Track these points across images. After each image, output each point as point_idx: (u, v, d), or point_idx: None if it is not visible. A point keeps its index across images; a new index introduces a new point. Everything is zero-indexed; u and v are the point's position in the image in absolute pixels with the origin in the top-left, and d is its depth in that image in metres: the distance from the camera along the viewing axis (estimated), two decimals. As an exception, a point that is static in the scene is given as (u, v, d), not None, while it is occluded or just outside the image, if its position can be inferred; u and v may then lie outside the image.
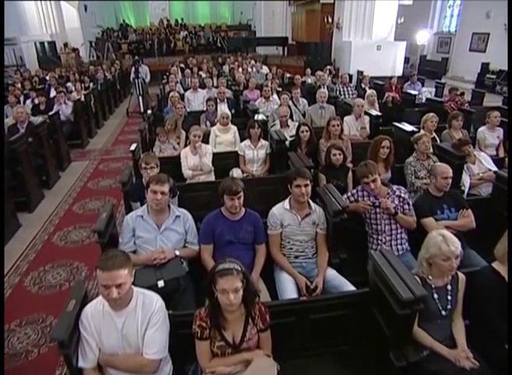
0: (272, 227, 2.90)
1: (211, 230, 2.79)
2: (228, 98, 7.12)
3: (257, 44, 19.62)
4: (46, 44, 15.95)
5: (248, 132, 4.58)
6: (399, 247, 3.10)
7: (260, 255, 2.86)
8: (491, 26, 14.87)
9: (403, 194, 3.13)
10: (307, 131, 4.54)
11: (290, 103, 6.46)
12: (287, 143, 4.70)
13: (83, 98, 8.59)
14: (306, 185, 2.79)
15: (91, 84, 10.96)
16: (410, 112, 7.17)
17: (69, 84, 10.73)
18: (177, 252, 2.70)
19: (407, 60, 15.67)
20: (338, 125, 4.61)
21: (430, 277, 2.25)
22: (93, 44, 17.66)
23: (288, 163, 4.24)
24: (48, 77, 11.34)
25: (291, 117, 5.93)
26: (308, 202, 2.91)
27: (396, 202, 3.11)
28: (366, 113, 5.72)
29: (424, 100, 8.39)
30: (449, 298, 2.24)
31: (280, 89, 8.85)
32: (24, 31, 15.38)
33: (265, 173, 4.67)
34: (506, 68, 13.76)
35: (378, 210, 3.09)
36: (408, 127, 4.90)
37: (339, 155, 3.85)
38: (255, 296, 2.02)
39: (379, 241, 3.11)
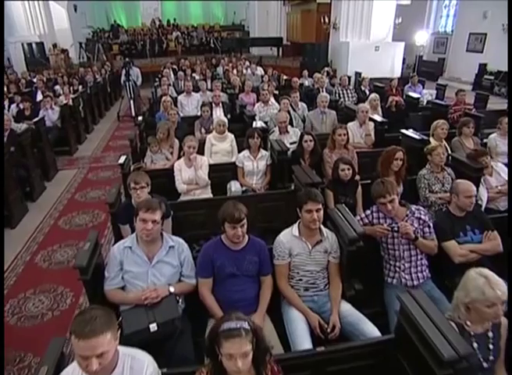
0: (280, 257, 2.57)
1: (210, 261, 2.45)
2: (223, 103, 6.77)
3: (251, 45, 19.28)
4: (34, 45, 15.45)
5: (247, 142, 4.24)
6: (419, 275, 2.77)
7: (266, 288, 2.52)
8: (488, 27, 14.69)
9: (423, 216, 2.81)
10: (310, 141, 4.21)
11: (289, 108, 6.13)
12: (289, 153, 4.38)
13: (71, 102, 8.19)
14: (318, 210, 2.46)
15: (80, 87, 10.56)
16: (413, 116, 6.89)
17: (57, 87, 10.34)
18: (172, 289, 2.35)
19: (403, 61, 15.46)
20: (344, 134, 4.29)
21: (468, 323, 1.93)
22: (83, 46, 17.18)
23: (291, 176, 3.92)
24: (35, 80, 10.92)
25: (290, 123, 5.62)
26: (320, 228, 2.58)
27: (416, 225, 2.79)
28: (370, 119, 5.40)
29: (425, 103, 8.12)
30: (490, 347, 1.92)
31: (277, 92, 8.56)
32: (11, 32, 14.88)
33: (266, 185, 4.34)
34: (504, 69, 13.60)
35: (396, 234, 2.77)
36: (417, 135, 4.59)
37: (348, 170, 3.53)
38: (267, 354, 1.69)
39: (397, 268, 2.79)
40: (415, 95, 7.96)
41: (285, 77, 10.52)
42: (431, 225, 2.82)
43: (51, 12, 17.07)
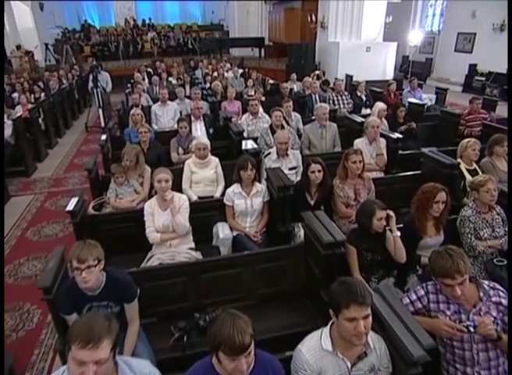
0: (306, 387, 1.65)
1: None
2: (204, 115, 5.80)
3: (231, 46, 18.34)
4: (-8, 47, 14.04)
5: (238, 175, 3.30)
6: (500, 386, 1.91)
7: None
8: (477, 26, 14.15)
9: (503, 300, 1.95)
10: (319, 172, 3.30)
11: (283, 121, 5.21)
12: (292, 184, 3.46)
13: (27, 114, 7.06)
14: (366, 317, 1.56)
15: (43, 95, 9.39)
16: (419, 128, 6.04)
17: (15, 95, 9.14)
18: None
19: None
20: (360, 161, 3.40)
21: None
22: (49, 47, 15.83)
23: (296, 215, 3.04)
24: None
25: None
26: (365, 339, 1.67)
27: (494, 314, 1.92)
28: (382, 135, 4.55)
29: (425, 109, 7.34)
30: None
31: (264, 98, 7.65)
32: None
33: (262, 228, 3.41)
34: (495, 69, 13.10)
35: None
36: (445, 158, 3.75)
37: (381, 219, 2.63)
38: None
39: (467, 376, 1.92)
40: (418, 101, 7.19)
41: (271, 81, 9.61)
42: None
43: (13, 11, 15.68)
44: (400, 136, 4.54)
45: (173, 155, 4.80)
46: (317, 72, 8.73)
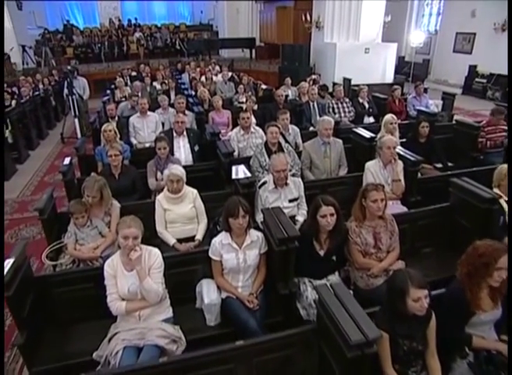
0: None
1: None
2: (189, 130, 5.03)
3: (220, 47, 17.53)
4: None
5: (227, 223, 2.54)
6: None
7: None
8: (477, 26, 13.57)
9: None
10: (332, 215, 2.55)
11: (280, 138, 4.48)
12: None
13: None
14: None
15: (13, 103, 8.54)
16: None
17: (-19, 103, 8.28)
18: None
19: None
20: (382, 200, 2.67)
21: None
22: (26, 49, 14.88)
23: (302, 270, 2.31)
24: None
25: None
26: None
27: None
28: (398, 156, 3.82)
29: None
30: None
31: (256, 107, 6.90)
32: None
33: (259, 288, 2.66)
34: (496, 71, 12.53)
35: None
36: (485, 192, 3.04)
37: (419, 300, 1.90)
38: None
39: None
40: (426, 109, 6.52)
41: (263, 86, 8.86)
42: None
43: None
44: (421, 158, 3.81)
45: (151, 181, 4.03)
46: (313, 76, 7.97)
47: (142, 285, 2.33)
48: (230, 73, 10.29)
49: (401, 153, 3.87)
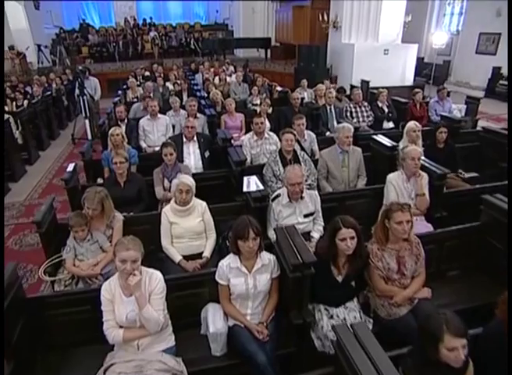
0: None
1: None
2: (199, 135, 4.81)
3: (235, 46, 17.31)
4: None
5: (235, 245, 2.31)
6: None
7: None
8: (502, 26, 13.00)
9: None
10: (352, 239, 2.30)
11: (296, 145, 4.22)
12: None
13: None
14: None
15: (25, 103, 8.47)
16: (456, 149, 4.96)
17: (-6, 103, 8.22)
18: None
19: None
20: (408, 221, 2.40)
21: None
22: (41, 48, 14.90)
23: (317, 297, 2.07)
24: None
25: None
26: None
27: None
28: (422, 168, 3.53)
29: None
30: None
31: (270, 110, 6.66)
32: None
33: (270, 316, 2.42)
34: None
35: None
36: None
37: (455, 350, 1.63)
38: None
39: None
40: (449, 114, 6.18)
41: (278, 88, 8.59)
42: None
43: (5, 10, 14.77)
44: (447, 170, 3.52)
45: (157, 189, 3.82)
46: (331, 86, 7.58)
47: (141, 314, 2.11)
48: (242, 74, 10.08)
49: (426, 165, 3.57)
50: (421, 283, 2.57)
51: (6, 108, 7.87)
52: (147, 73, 11.18)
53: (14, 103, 8.57)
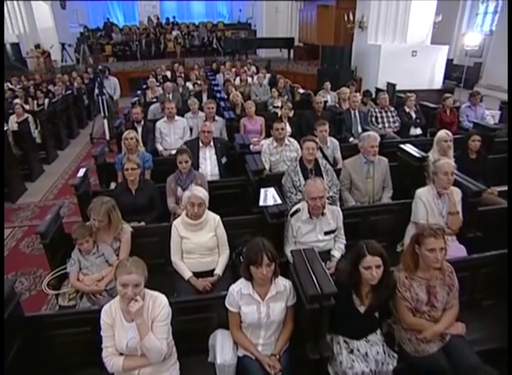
0: None
1: None
2: (216, 140, 4.62)
3: (258, 46, 17.08)
4: (8, 47, 13.37)
5: (247, 271, 2.10)
6: None
7: None
8: (539, 26, 12.37)
9: None
10: (378, 267, 2.05)
11: (318, 153, 3.97)
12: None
13: (15, 127, 6.12)
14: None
15: (46, 101, 8.50)
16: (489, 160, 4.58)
17: (17, 101, 8.27)
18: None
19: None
20: (442, 249, 2.13)
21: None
22: (65, 47, 15.07)
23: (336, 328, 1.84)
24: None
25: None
26: None
27: None
28: (455, 184, 3.23)
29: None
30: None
31: (292, 113, 6.40)
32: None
33: (283, 348, 2.19)
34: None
35: None
36: None
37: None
38: None
39: None
40: (483, 122, 5.79)
41: (301, 90, 8.32)
42: None
43: (33, 9, 15.01)
44: (483, 187, 3.21)
45: (169, 201, 3.63)
46: (358, 94, 7.19)
47: (142, 343, 1.93)
48: (268, 75, 9.87)
49: (459, 179, 3.27)
50: (454, 316, 2.30)
51: (27, 107, 7.90)
52: (168, 73, 11.10)
53: (35, 102, 8.62)
